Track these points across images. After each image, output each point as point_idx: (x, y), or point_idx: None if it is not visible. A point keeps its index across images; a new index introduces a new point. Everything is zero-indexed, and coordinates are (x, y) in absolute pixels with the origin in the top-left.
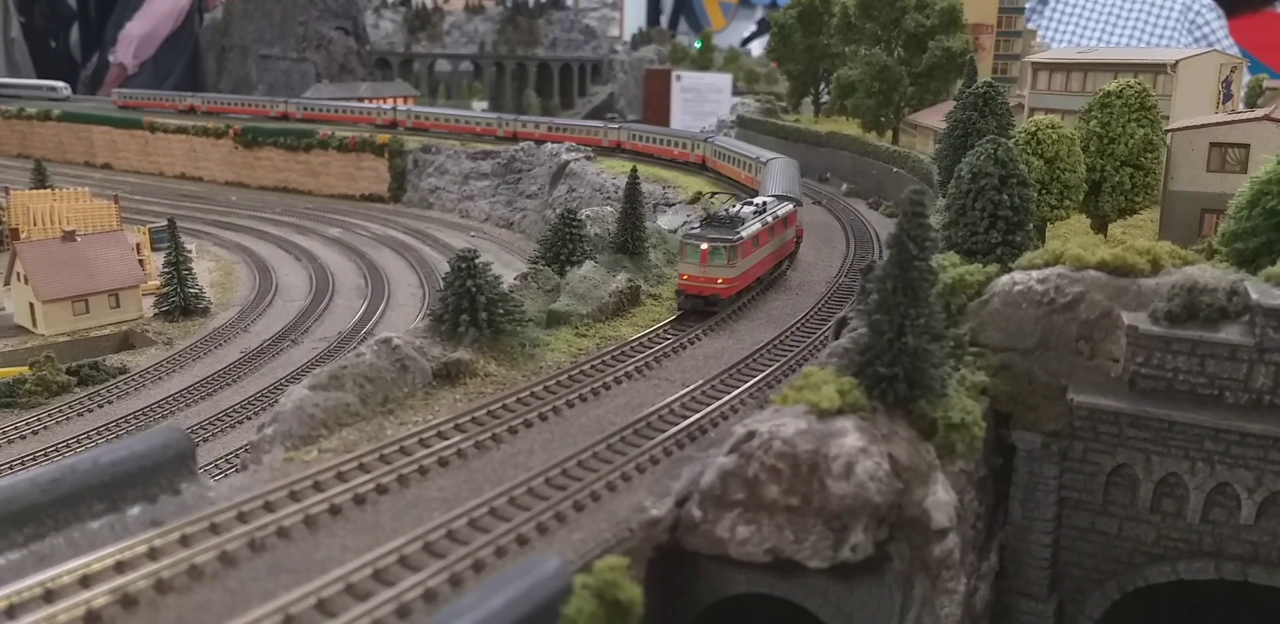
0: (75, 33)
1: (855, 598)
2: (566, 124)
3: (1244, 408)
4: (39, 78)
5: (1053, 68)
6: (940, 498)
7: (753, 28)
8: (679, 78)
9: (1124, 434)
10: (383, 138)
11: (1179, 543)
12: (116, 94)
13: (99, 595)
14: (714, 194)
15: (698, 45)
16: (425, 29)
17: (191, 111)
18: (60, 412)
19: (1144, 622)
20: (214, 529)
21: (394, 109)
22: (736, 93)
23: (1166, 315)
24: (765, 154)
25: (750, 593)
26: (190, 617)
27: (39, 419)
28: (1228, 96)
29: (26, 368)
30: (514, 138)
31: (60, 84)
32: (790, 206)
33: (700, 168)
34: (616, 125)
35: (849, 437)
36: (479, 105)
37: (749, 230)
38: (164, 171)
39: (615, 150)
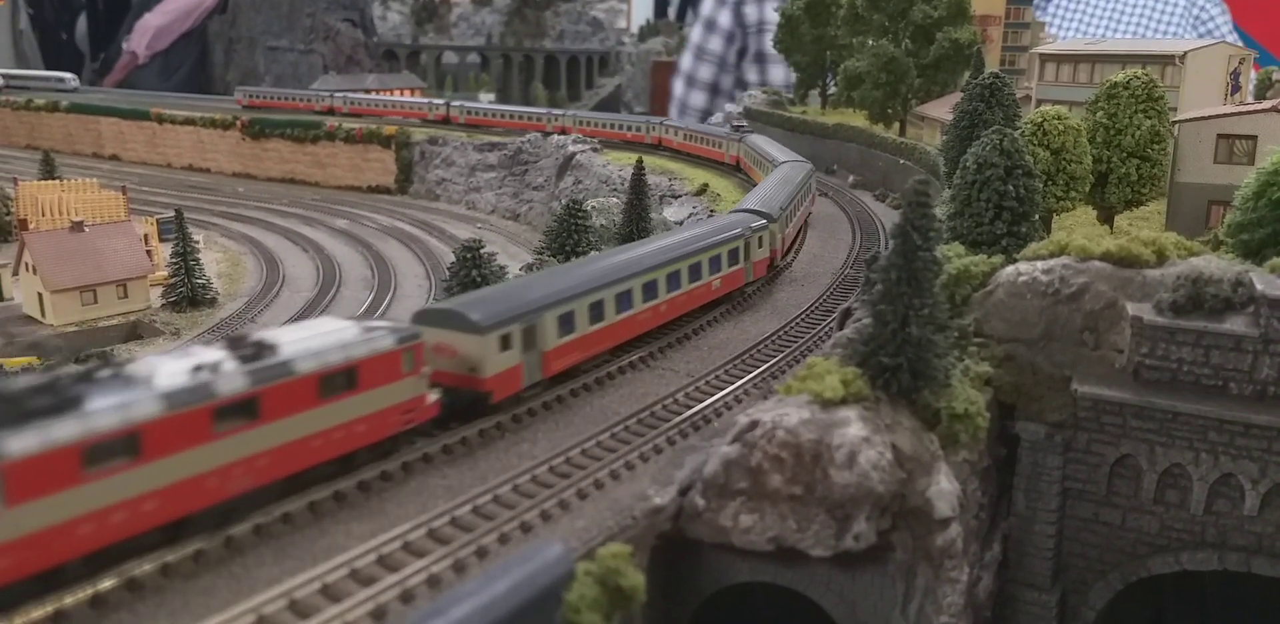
0: (83, 24)
1: (858, 587)
2: (701, 132)
3: (1248, 399)
4: (47, 69)
5: (1060, 59)
6: (943, 488)
7: None
8: None
9: (1128, 425)
10: (389, 129)
11: (1183, 534)
12: (240, 92)
13: (105, 579)
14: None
15: None
16: (432, 21)
17: (330, 113)
18: None
19: (1148, 612)
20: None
21: (565, 114)
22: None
23: (1171, 306)
24: (776, 198)
25: (753, 582)
26: (195, 601)
27: None
28: (1236, 88)
29: (35, 358)
30: (659, 144)
31: (68, 75)
32: (389, 342)
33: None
34: (739, 136)
35: (852, 426)
36: (486, 98)
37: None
38: (171, 163)
39: (735, 169)
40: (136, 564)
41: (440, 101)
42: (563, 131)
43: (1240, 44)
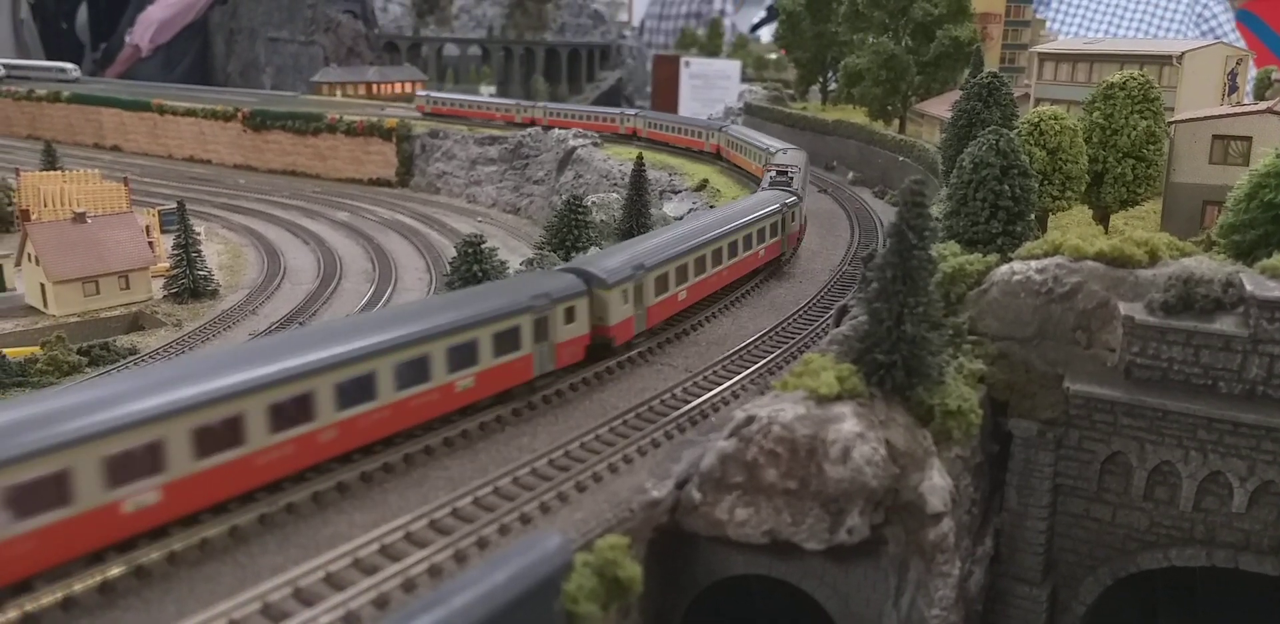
0: (84, 14)
1: (851, 580)
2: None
3: (1237, 398)
4: (48, 59)
5: (1059, 58)
6: (935, 483)
7: (762, 14)
8: (687, 64)
9: (1119, 423)
10: (390, 121)
11: (1171, 530)
12: (421, 98)
13: (113, 566)
14: None
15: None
16: (434, 13)
17: (531, 125)
18: None
19: (1139, 607)
20: (223, 505)
21: (720, 130)
22: (745, 79)
23: (1162, 306)
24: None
25: (749, 574)
26: (201, 588)
27: None
28: (1233, 88)
29: (38, 347)
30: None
31: (70, 66)
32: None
33: None
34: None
35: (846, 422)
36: (486, 90)
37: None
38: (173, 154)
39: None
40: (145, 552)
41: (632, 112)
42: (716, 153)
43: (1240, 43)
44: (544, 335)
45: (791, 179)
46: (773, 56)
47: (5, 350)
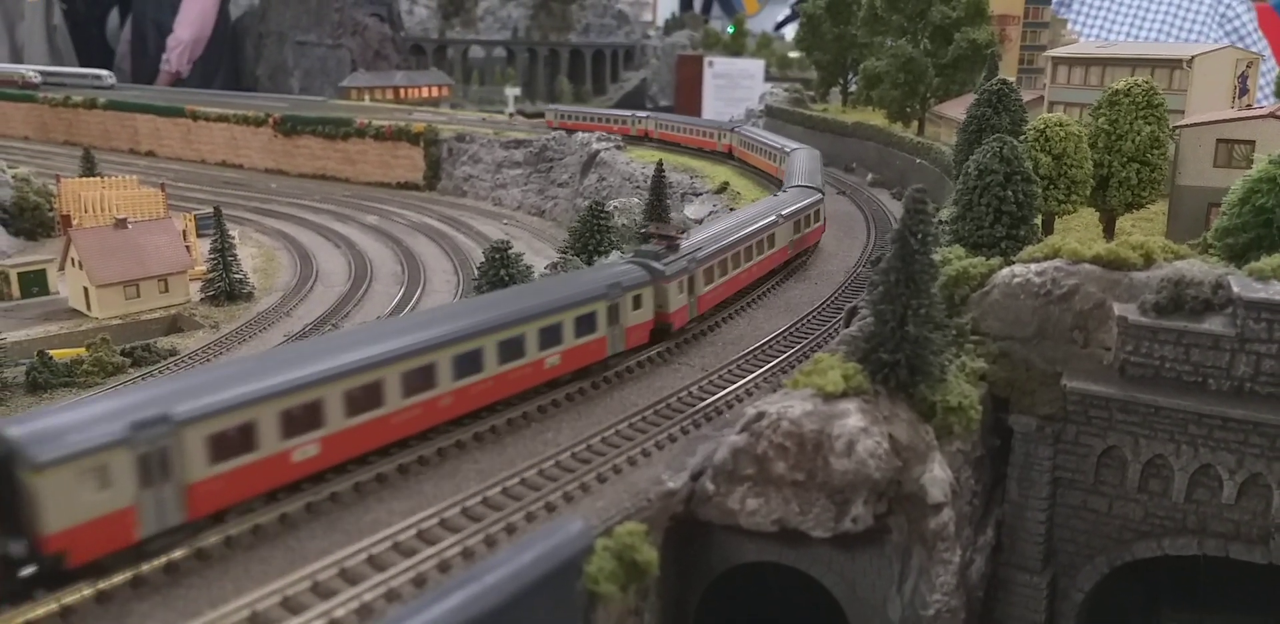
0: (114, 19)
1: (857, 566)
2: None
3: (1226, 394)
4: (81, 65)
5: (1072, 62)
6: (936, 475)
7: (786, 12)
8: (711, 64)
9: (1114, 418)
10: (418, 126)
11: (1165, 521)
12: (551, 112)
13: (176, 550)
14: None
15: (730, 30)
16: (459, 15)
17: (645, 138)
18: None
19: (1141, 593)
20: (273, 494)
21: (790, 152)
22: (769, 78)
23: (1155, 307)
24: None
25: (760, 561)
26: (255, 569)
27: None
28: (1243, 91)
29: (83, 349)
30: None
31: (105, 72)
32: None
33: None
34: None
35: (851, 418)
36: (511, 92)
37: None
38: (205, 159)
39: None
40: (203, 537)
41: (729, 127)
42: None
43: (1263, 42)
44: None
45: (676, 246)
46: (796, 55)
47: (52, 352)
